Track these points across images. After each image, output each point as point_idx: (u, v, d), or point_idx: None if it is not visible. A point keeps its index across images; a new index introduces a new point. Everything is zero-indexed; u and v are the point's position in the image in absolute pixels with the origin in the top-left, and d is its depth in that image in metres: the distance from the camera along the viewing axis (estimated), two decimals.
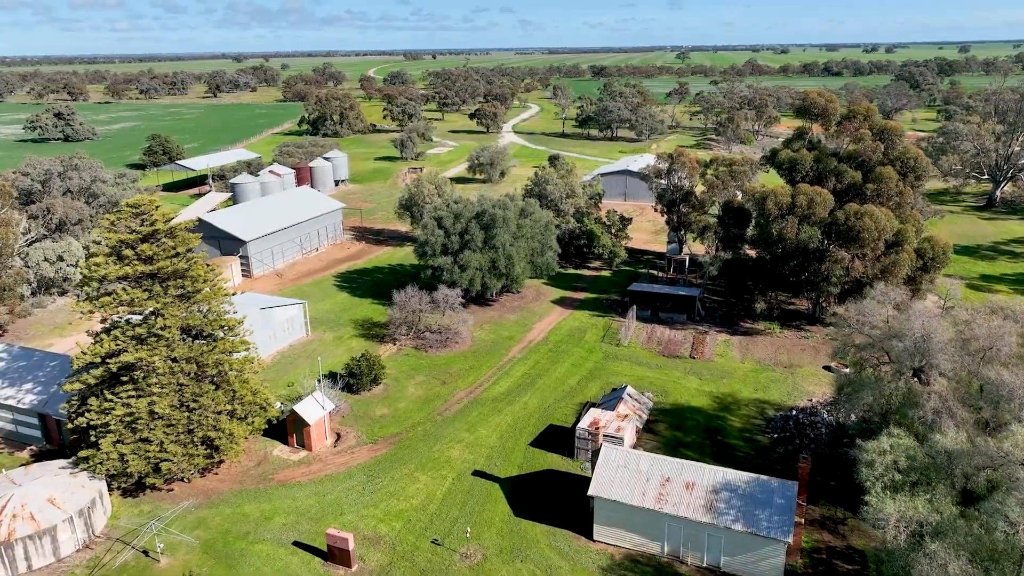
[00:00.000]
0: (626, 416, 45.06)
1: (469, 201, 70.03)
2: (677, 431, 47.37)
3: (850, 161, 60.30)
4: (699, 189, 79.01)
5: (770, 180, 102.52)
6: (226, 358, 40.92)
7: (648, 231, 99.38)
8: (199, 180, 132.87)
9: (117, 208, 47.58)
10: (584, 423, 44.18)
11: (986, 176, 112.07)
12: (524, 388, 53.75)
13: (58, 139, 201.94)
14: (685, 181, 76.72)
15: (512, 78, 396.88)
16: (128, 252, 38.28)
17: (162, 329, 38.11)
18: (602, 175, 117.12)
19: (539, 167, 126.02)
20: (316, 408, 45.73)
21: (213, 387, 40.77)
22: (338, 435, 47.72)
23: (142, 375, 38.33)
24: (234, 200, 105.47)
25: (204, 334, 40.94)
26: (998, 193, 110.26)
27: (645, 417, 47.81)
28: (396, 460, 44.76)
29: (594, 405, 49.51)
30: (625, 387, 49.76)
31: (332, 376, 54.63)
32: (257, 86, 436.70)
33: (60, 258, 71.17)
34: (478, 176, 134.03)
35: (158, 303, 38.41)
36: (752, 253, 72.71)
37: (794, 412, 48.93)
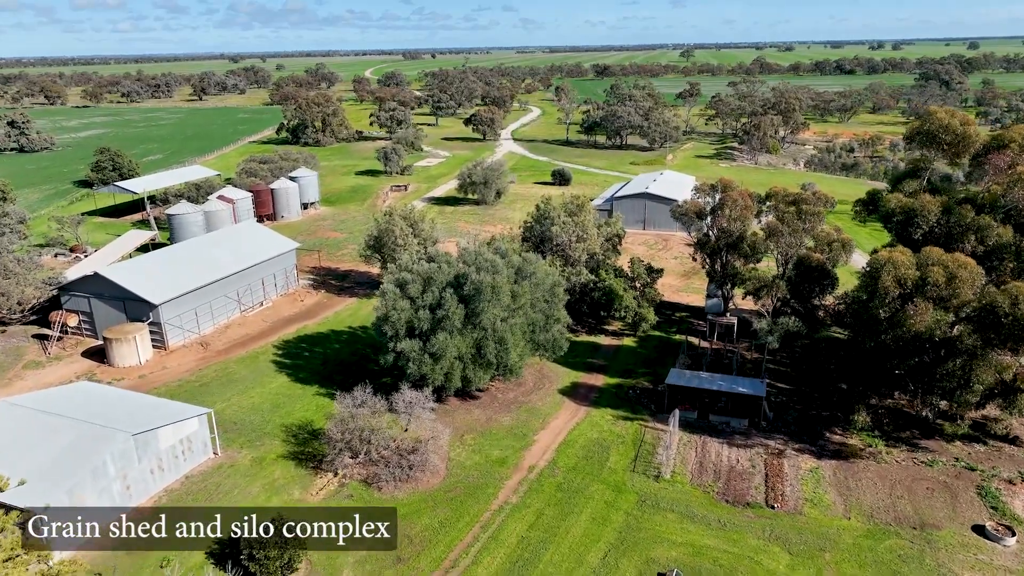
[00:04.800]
0: None
1: (447, 258, 51.16)
2: None
3: (994, 212, 41.54)
4: (752, 229, 60.29)
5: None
6: None
7: (676, 272, 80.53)
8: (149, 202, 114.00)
9: None
10: None
11: None
12: (522, 571, 35.04)
13: (12, 150, 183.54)
14: (736, 223, 57.93)
15: (512, 78, 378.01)
16: None
17: None
18: (617, 198, 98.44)
19: (541, 184, 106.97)
20: None
21: None
22: None
23: None
24: (170, 236, 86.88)
25: None
26: None
27: None
28: None
29: None
30: None
31: (231, 547, 36.03)
32: (246, 88, 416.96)
33: None
34: (470, 196, 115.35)
35: None
36: (821, 307, 54.24)
37: None
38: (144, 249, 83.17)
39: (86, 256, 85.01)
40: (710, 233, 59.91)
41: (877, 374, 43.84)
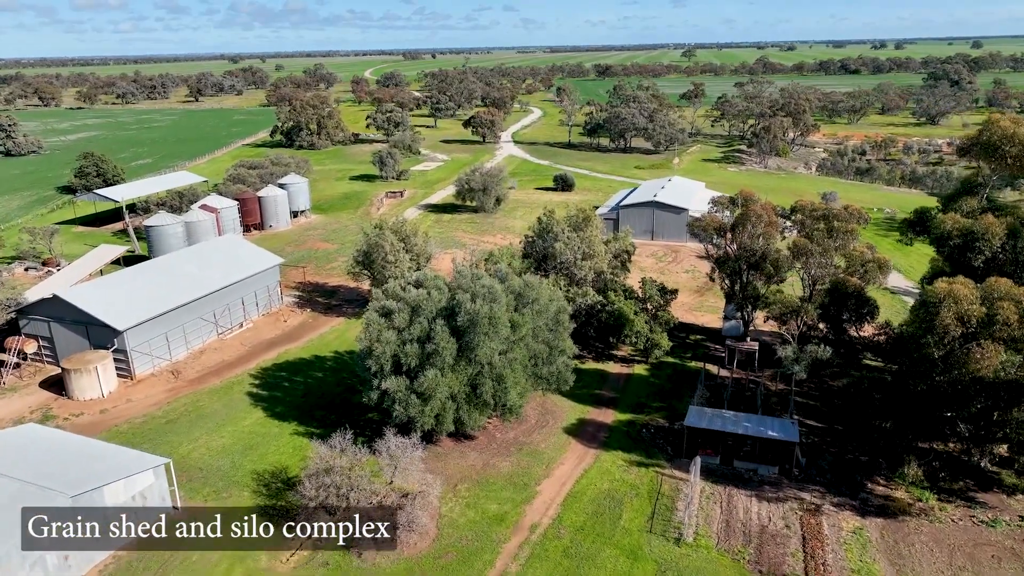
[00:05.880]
0: None
1: (438, 283, 45.72)
2: None
3: None
4: (777, 245, 54.84)
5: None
6: None
7: (688, 288, 74.91)
8: (130, 211, 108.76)
9: None
10: None
11: None
12: None
13: None
14: (760, 240, 52.56)
15: (512, 79, 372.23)
16: None
17: None
18: (623, 207, 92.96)
19: (543, 190, 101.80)
20: None
21: None
22: None
23: None
24: (149, 250, 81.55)
25: None
26: None
27: None
28: None
29: None
30: None
31: None
32: (244, 88, 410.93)
33: None
34: (469, 203, 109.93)
35: None
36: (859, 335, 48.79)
37: None
38: (119, 263, 77.99)
39: (59, 269, 79.88)
40: (729, 250, 54.53)
41: (926, 418, 38.43)
